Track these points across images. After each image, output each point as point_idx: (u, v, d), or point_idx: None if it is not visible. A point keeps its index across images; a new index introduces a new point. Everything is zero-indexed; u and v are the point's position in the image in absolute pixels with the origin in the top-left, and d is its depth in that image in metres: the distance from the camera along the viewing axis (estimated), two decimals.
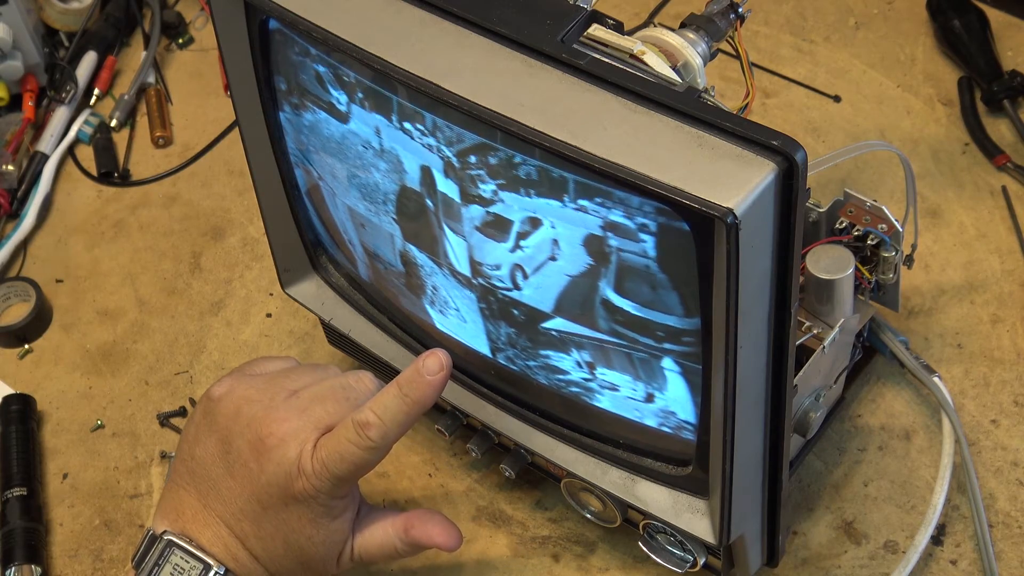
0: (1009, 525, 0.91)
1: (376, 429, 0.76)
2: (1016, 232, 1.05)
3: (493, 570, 0.93)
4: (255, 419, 0.78)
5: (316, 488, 0.76)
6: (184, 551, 0.78)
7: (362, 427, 0.76)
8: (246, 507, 0.78)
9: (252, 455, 0.77)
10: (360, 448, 0.76)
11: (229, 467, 0.78)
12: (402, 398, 0.77)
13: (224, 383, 0.81)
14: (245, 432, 0.78)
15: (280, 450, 0.76)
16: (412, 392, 0.77)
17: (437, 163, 0.75)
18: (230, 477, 0.78)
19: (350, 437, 0.76)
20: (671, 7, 1.26)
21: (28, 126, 1.21)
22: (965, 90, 1.14)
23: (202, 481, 0.79)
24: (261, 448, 0.77)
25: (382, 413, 0.76)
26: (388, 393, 0.77)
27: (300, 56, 0.80)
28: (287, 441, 0.76)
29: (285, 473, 0.76)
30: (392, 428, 0.76)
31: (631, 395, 0.79)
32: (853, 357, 0.93)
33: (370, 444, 0.76)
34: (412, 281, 0.86)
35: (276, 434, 0.77)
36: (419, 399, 0.77)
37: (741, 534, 0.80)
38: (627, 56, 0.72)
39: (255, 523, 0.78)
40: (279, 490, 0.77)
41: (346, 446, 0.76)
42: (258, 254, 1.13)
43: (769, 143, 0.64)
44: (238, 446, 0.78)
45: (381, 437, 0.76)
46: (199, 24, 1.33)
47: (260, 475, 0.77)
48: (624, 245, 0.70)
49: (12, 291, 1.11)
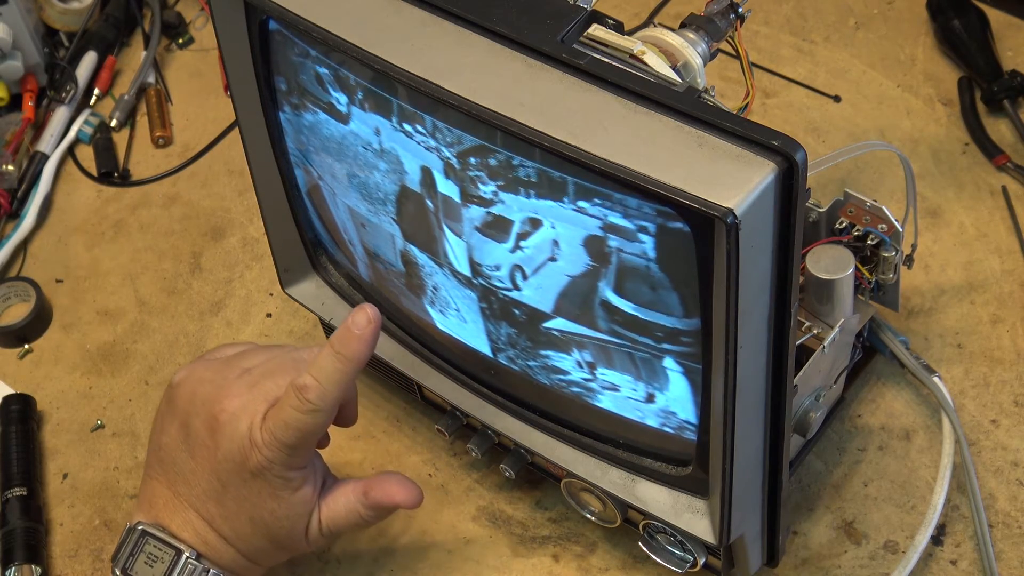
0: (1009, 525, 0.91)
1: (314, 390, 0.77)
2: (1016, 232, 1.05)
3: (493, 570, 0.93)
4: (208, 398, 0.80)
5: (269, 459, 0.78)
6: (156, 539, 0.80)
7: (301, 391, 0.77)
8: (208, 487, 0.80)
9: (208, 433, 0.79)
10: (302, 412, 0.77)
11: (190, 449, 0.80)
12: (336, 356, 0.78)
13: (183, 370, 0.84)
14: (200, 412, 0.80)
15: (232, 425, 0.78)
16: (344, 349, 0.78)
17: (437, 164, 0.75)
18: (192, 459, 0.80)
19: (291, 403, 0.77)
20: (671, 7, 1.26)
21: (28, 126, 1.21)
22: (965, 90, 1.14)
23: (169, 468, 0.81)
24: (215, 425, 0.79)
25: (318, 374, 0.77)
26: (323, 354, 0.78)
27: (300, 57, 0.80)
28: (238, 415, 0.78)
29: (239, 447, 0.78)
30: (329, 388, 0.77)
31: (632, 395, 0.79)
32: (853, 357, 0.93)
33: (310, 407, 0.77)
34: (412, 281, 0.86)
35: (228, 410, 0.79)
36: (351, 355, 0.78)
37: (741, 534, 0.80)
38: (627, 56, 0.72)
39: (219, 502, 0.80)
40: (236, 465, 0.79)
41: (289, 412, 0.77)
42: (258, 254, 1.13)
43: (769, 143, 0.64)
44: (195, 427, 0.80)
45: (319, 398, 0.77)
46: (199, 24, 1.33)
47: (216, 452, 0.79)
48: (624, 246, 0.70)
49: (12, 291, 1.11)
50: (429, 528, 0.95)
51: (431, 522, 0.95)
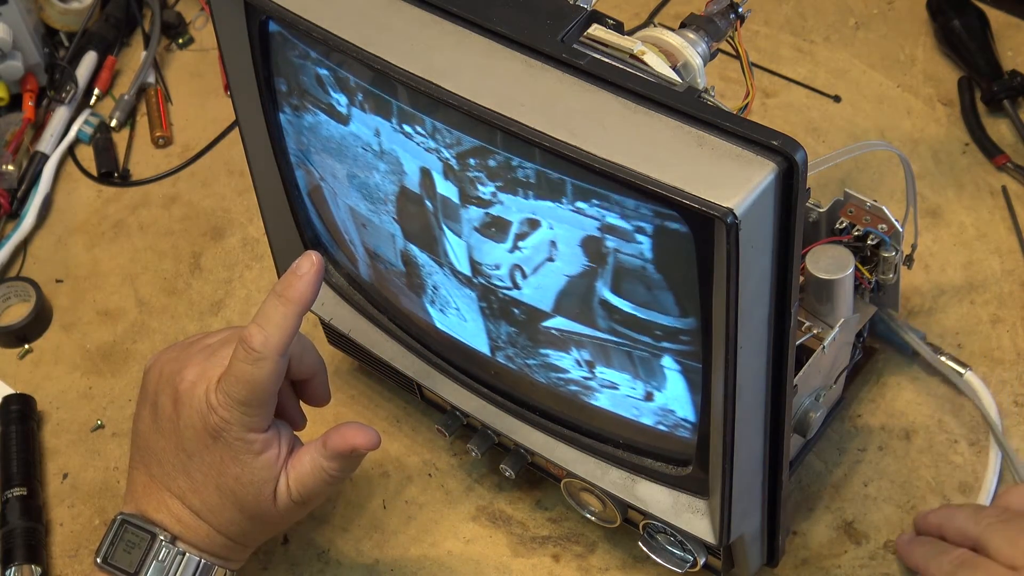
0: None
1: (257, 337, 0.77)
2: (1016, 232, 1.05)
3: (493, 570, 0.93)
4: (171, 373, 0.81)
5: (226, 419, 0.78)
6: (133, 526, 0.81)
7: (245, 340, 0.77)
8: (175, 461, 0.81)
9: (172, 406, 0.80)
10: (248, 363, 0.77)
11: (159, 427, 0.81)
12: (278, 299, 0.78)
13: (152, 357, 0.85)
14: (165, 388, 0.81)
15: (190, 392, 0.79)
16: (287, 291, 0.78)
17: (436, 165, 0.75)
18: (161, 437, 0.81)
19: (239, 356, 0.78)
20: (671, 7, 1.25)
21: (28, 126, 1.21)
22: (965, 90, 1.14)
23: (144, 452, 0.83)
24: (176, 396, 0.80)
25: (261, 321, 0.78)
26: (266, 302, 0.79)
27: (300, 58, 0.80)
28: (196, 383, 0.79)
29: (198, 412, 0.79)
30: (273, 332, 0.77)
31: (630, 393, 0.79)
32: (853, 357, 0.93)
33: (255, 355, 0.77)
34: (413, 281, 0.86)
35: (187, 379, 0.80)
36: (294, 297, 0.78)
37: (741, 534, 0.80)
38: (627, 56, 0.72)
39: (186, 474, 0.81)
40: (197, 432, 0.79)
41: (236, 366, 0.78)
42: (258, 254, 1.13)
43: (769, 143, 0.64)
44: (162, 403, 0.81)
45: (263, 344, 0.77)
46: (199, 24, 1.33)
47: (178, 422, 0.80)
48: (621, 246, 0.70)
49: (12, 291, 1.11)
50: (429, 528, 0.95)
51: (431, 522, 0.95)
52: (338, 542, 0.95)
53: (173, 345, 0.85)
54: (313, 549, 0.95)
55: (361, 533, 0.95)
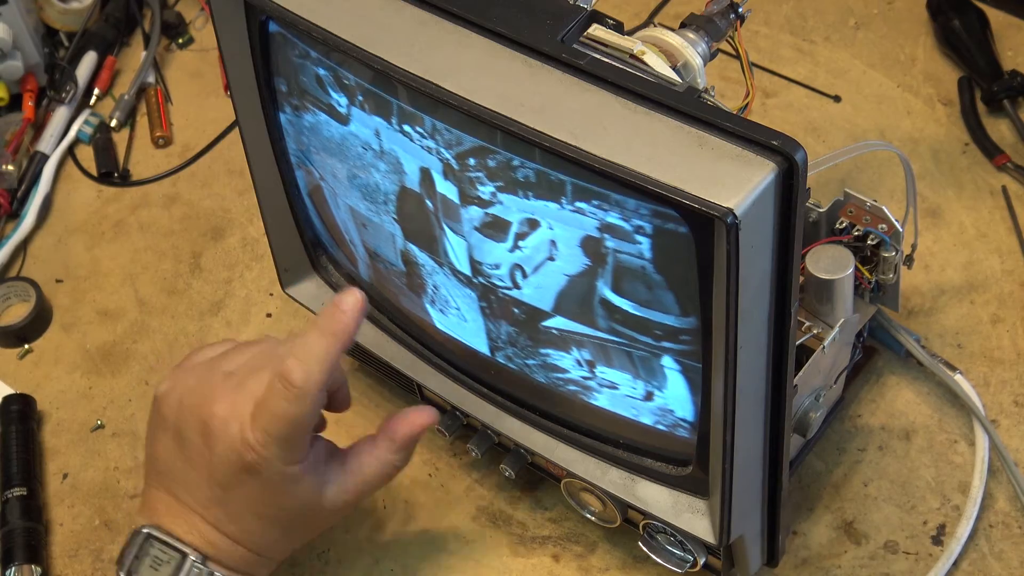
0: (1009, 525, 0.91)
1: (298, 373, 0.75)
2: (1016, 232, 1.05)
3: (493, 570, 0.93)
4: (196, 407, 0.79)
5: (264, 457, 0.77)
6: (161, 543, 0.79)
7: (284, 377, 0.76)
8: (211, 493, 0.79)
9: (202, 441, 0.79)
10: (288, 400, 0.76)
11: (187, 459, 0.80)
12: (321, 334, 0.77)
13: (166, 380, 0.83)
14: (191, 421, 0.79)
15: (223, 430, 0.78)
16: (330, 325, 0.77)
17: (436, 165, 0.75)
18: (190, 468, 0.80)
19: (277, 392, 0.76)
20: (671, 7, 1.25)
21: (28, 126, 1.21)
22: (965, 90, 1.14)
23: (167, 477, 0.81)
24: (208, 432, 0.78)
25: (302, 356, 0.76)
26: (306, 335, 0.77)
27: (300, 58, 0.80)
28: (228, 420, 0.78)
29: (234, 451, 0.77)
30: (315, 368, 0.76)
31: (630, 393, 0.79)
32: (853, 357, 0.93)
33: (296, 392, 0.75)
34: (413, 280, 0.86)
35: (217, 415, 0.78)
36: (337, 331, 0.77)
37: (741, 534, 0.80)
38: (627, 56, 0.72)
39: (223, 506, 0.79)
40: (233, 468, 0.78)
41: (276, 403, 0.76)
42: (258, 254, 1.13)
43: (769, 143, 0.64)
44: (188, 437, 0.79)
45: (304, 380, 0.75)
46: (199, 24, 1.33)
47: (212, 459, 0.78)
48: (620, 246, 0.70)
49: (12, 291, 1.11)
50: (429, 528, 0.95)
51: (431, 522, 0.95)
52: (338, 542, 0.95)
53: (187, 367, 0.83)
54: (313, 549, 0.95)
55: (361, 533, 0.95)
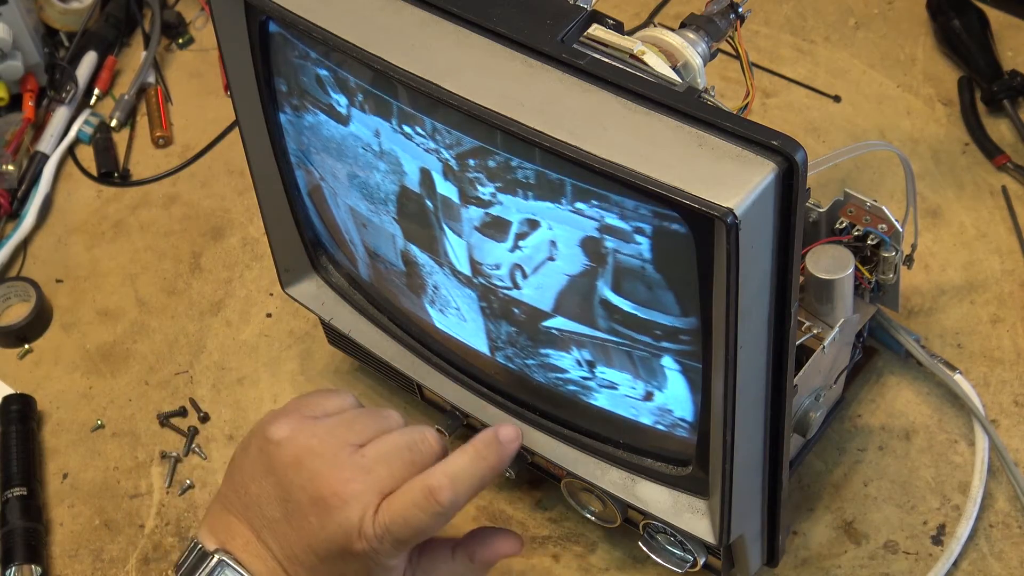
0: (1009, 525, 0.91)
1: (447, 493, 0.74)
2: (1016, 232, 1.05)
3: (493, 570, 0.93)
4: (317, 475, 0.76)
5: (376, 550, 0.75)
6: (234, 571, 0.77)
7: (432, 492, 0.74)
8: (302, 556, 0.77)
9: (313, 511, 0.76)
10: (426, 513, 0.74)
11: (287, 515, 0.77)
12: (477, 460, 0.76)
13: (283, 425, 0.78)
14: (307, 487, 0.76)
15: (343, 512, 0.75)
16: (489, 455, 0.76)
17: (436, 165, 0.75)
18: (287, 524, 0.77)
19: (416, 501, 0.74)
20: (671, 7, 1.26)
21: (28, 126, 1.21)
22: (965, 90, 1.14)
23: (256, 517, 0.78)
24: (323, 506, 0.75)
25: (454, 477, 0.75)
26: (462, 455, 0.76)
27: (300, 59, 0.80)
28: (350, 504, 0.75)
29: (345, 533, 0.75)
30: (463, 492, 0.75)
31: (629, 393, 0.79)
32: (853, 357, 0.93)
33: (438, 509, 0.74)
34: (413, 281, 0.86)
35: (340, 495, 0.75)
36: (495, 463, 0.76)
37: (741, 534, 0.80)
38: (627, 56, 0.72)
39: (310, 571, 0.77)
40: (338, 547, 0.75)
41: (412, 511, 0.74)
42: (258, 254, 1.13)
43: (769, 143, 0.64)
44: (298, 498, 0.76)
45: (451, 502, 0.74)
46: (199, 24, 1.33)
47: (320, 531, 0.75)
48: (620, 247, 0.70)
49: (12, 291, 1.11)
50: None
51: None
52: None
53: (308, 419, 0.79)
54: None
55: None
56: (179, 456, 1.01)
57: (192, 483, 0.99)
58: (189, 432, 1.02)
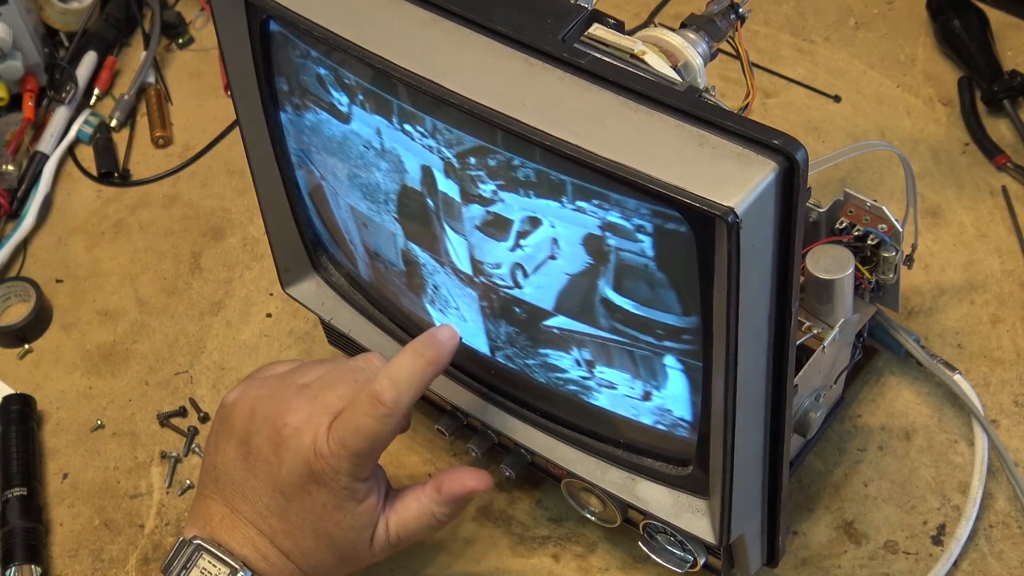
0: (1009, 525, 0.91)
1: (389, 392, 0.76)
2: (1016, 232, 1.06)
3: (493, 570, 0.93)
4: (269, 414, 0.78)
5: (335, 468, 0.77)
6: (211, 555, 0.78)
7: (375, 395, 0.76)
8: (271, 503, 0.79)
9: (271, 449, 0.78)
10: (374, 417, 0.76)
11: (250, 467, 0.79)
12: (415, 358, 0.77)
13: (236, 389, 0.82)
14: (262, 428, 0.79)
15: (296, 439, 0.77)
16: (427, 351, 0.77)
17: (437, 163, 0.75)
18: (252, 476, 0.79)
19: (364, 409, 0.76)
20: (671, 7, 1.26)
21: (28, 126, 1.21)
22: (965, 90, 1.14)
23: (226, 487, 0.80)
24: (278, 440, 0.78)
25: (395, 377, 0.76)
26: (400, 356, 0.77)
27: (301, 58, 0.80)
28: (302, 429, 0.77)
29: (303, 460, 0.77)
30: (406, 390, 0.76)
31: (628, 393, 0.79)
32: (853, 357, 0.93)
33: (384, 411, 0.76)
34: (413, 280, 0.86)
35: (291, 424, 0.77)
36: (433, 358, 0.77)
37: (741, 534, 0.80)
38: (628, 56, 0.72)
39: (282, 517, 0.79)
40: (300, 478, 0.77)
41: (361, 419, 0.76)
42: (258, 254, 1.13)
43: (770, 142, 0.64)
44: (257, 443, 0.79)
45: (395, 401, 0.76)
46: (199, 24, 1.33)
47: (280, 467, 0.78)
48: (622, 245, 0.70)
49: (12, 291, 1.11)
50: None
51: None
52: None
53: (256, 379, 0.83)
54: None
55: None
56: (179, 456, 1.01)
57: (192, 483, 0.99)
58: (189, 432, 1.02)
